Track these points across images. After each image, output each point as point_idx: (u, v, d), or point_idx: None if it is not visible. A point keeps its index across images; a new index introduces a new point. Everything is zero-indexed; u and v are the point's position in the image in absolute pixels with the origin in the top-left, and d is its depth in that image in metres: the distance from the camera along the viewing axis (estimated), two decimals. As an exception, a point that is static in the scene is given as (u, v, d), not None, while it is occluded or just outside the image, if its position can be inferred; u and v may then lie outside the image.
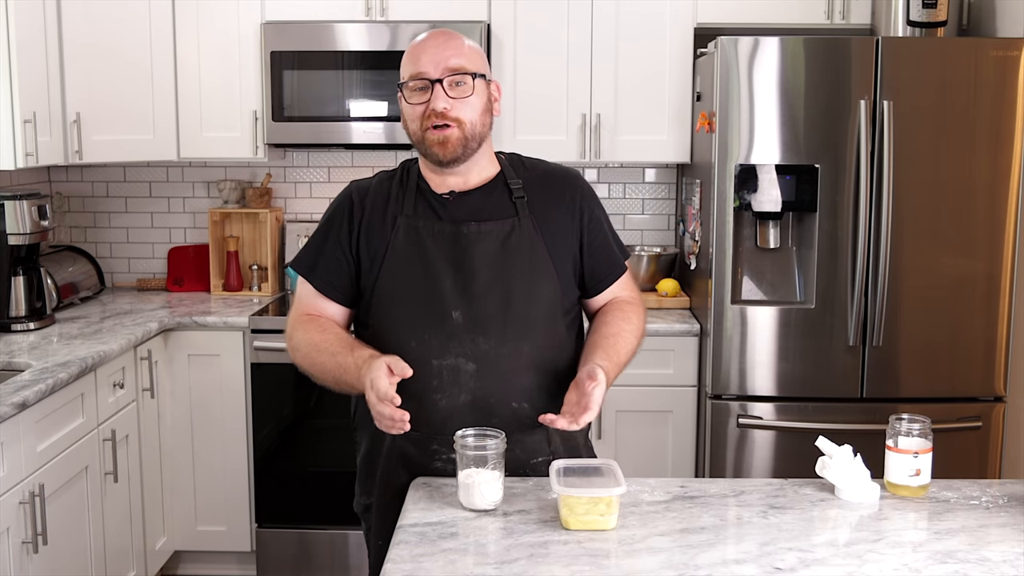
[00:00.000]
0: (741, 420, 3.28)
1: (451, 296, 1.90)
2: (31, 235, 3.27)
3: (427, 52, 1.88)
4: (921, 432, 1.84)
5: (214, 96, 3.74)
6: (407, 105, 1.92)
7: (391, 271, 1.93)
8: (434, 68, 1.87)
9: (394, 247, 1.93)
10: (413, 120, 1.91)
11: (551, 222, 1.97)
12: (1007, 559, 1.58)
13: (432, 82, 1.87)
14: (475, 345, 1.89)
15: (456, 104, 1.88)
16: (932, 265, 3.22)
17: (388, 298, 1.93)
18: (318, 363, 1.91)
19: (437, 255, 1.91)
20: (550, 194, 1.99)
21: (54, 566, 2.68)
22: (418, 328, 1.90)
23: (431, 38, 1.91)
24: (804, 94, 3.18)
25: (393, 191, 1.98)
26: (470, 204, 1.95)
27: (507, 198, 1.97)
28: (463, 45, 1.92)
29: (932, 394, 3.25)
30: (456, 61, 1.88)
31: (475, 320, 1.90)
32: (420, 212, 1.95)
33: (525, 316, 1.92)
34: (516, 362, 1.92)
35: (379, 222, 1.95)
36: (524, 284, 1.92)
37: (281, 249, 4.09)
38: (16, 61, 3.06)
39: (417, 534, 1.66)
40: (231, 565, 3.70)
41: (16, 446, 2.48)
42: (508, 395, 1.92)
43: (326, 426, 3.54)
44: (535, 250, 1.94)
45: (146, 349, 3.35)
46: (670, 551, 1.60)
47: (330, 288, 1.98)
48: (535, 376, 1.94)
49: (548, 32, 3.68)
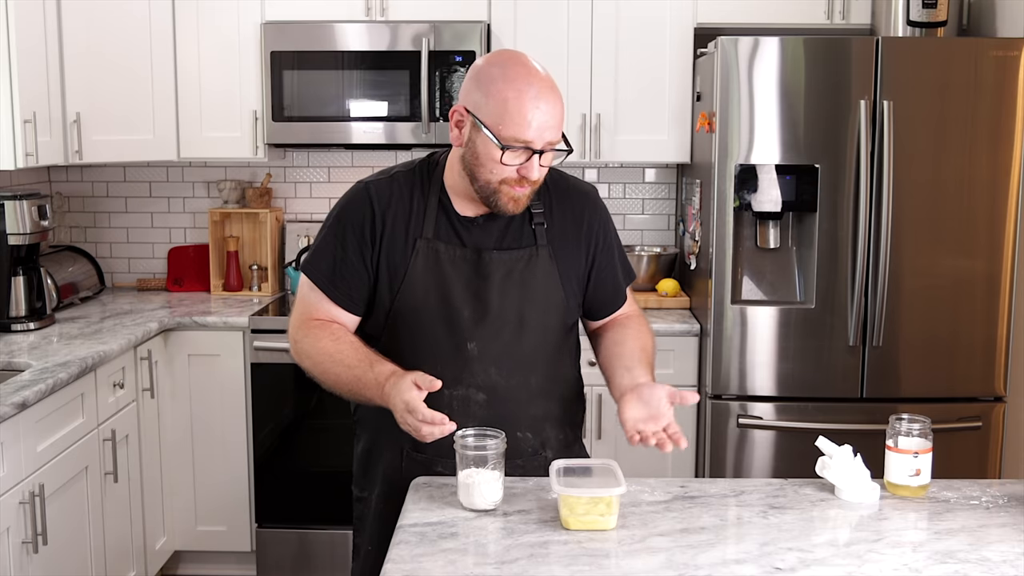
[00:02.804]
0: (741, 420, 3.27)
1: (468, 327, 1.89)
2: (31, 235, 3.27)
3: (537, 119, 1.76)
4: (921, 432, 1.84)
5: (214, 96, 3.74)
6: (491, 158, 1.79)
7: (408, 294, 1.89)
8: (539, 138, 1.77)
9: (413, 269, 1.89)
10: (494, 172, 1.80)
11: (566, 249, 1.96)
12: (1007, 559, 1.58)
13: (532, 151, 1.78)
14: (487, 376, 1.90)
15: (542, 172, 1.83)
16: (932, 265, 3.22)
17: (403, 322, 1.90)
18: (331, 372, 1.87)
19: (456, 282, 1.89)
20: (567, 219, 1.97)
21: (54, 566, 2.68)
22: (433, 357, 1.88)
23: (543, 99, 1.77)
24: (804, 94, 3.18)
25: (415, 205, 1.90)
26: (492, 230, 1.92)
27: (528, 224, 1.93)
28: (562, 109, 1.81)
29: (932, 394, 3.25)
30: (557, 134, 1.80)
31: (490, 352, 1.90)
32: (441, 235, 1.90)
33: (535, 348, 1.94)
34: (525, 392, 1.94)
35: (400, 239, 1.89)
36: (537, 316, 1.93)
37: (281, 249, 4.09)
38: (16, 61, 3.06)
39: (417, 534, 1.66)
40: (231, 565, 3.70)
41: (16, 446, 2.48)
42: (515, 424, 1.93)
43: (326, 426, 3.54)
44: (549, 280, 1.94)
45: (146, 349, 3.35)
46: (670, 551, 1.60)
47: (348, 301, 1.92)
48: (541, 405, 1.96)
49: (548, 32, 3.68)
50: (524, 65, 1.80)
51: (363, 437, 2.05)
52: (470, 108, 1.81)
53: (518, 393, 1.93)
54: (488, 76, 1.79)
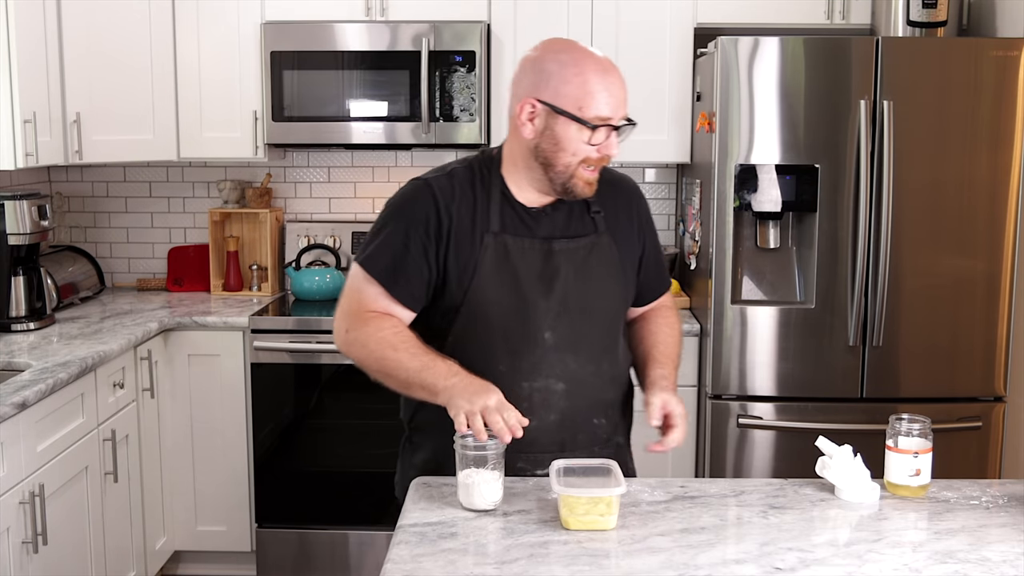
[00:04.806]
0: (741, 420, 3.28)
1: (543, 317, 1.90)
2: (31, 235, 3.27)
3: (614, 95, 1.83)
4: (921, 432, 1.84)
5: (214, 96, 3.74)
6: (574, 140, 1.83)
7: (480, 288, 1.89)
8: (614, 113, 1.83)
9: (483, 263, 1.89)
10: (574, 155, 1.84)
11: (623, 236, 2.00)
12: (1007, 559, 1.58)
13: (612, 127, 1.84)
14: (565, 365, 1.91)
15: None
16: (932, 265, 3.22)
17: (475, 318, 1.90)
18: (391, 360, 1.84)
19: (528, 273, 1.90)
20: (617, 206, 2.01)
21: (54, 566, 2.68)
22: (509, 351, 1.88)
23: (613, 76, 1.84)
24: (804, 94, 3.18)
25: (478, 200, 1.91)
26: (556, 219, 1.94)
27: (586, 212, 1.97)
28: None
29: (932, 394, 3.25)
30: (626, 109, 1.87)
31: (566, 340, 1.91)
32: (508, 227, 1.91)
33: (603, 334, 1.96)
34: (599, 379, 1.96)
35: (468, 235, 1.89)
36: (604, 302, 1.95)
37: (281, 249, 4.09)
38: (16, 61, 3.06)
39: (417, 534, 1.66)
40: (231, 565, 3.70)
41: (16, 446, 2.48)
42: (592, 412, 1.96)
43: (326, 426, 3.54)
44: (613, 266, 1.97)
45: (146, 349, 3.35)
46: (670, 551, 1.60)
47: (408, 297, 1.91)
48: (611, 390, 1.99)
49: (548, 32, 3.59)
50: (585, 48, 1.87)
51: (425, 446, 2.00)
52: (543, 99, 1.83)
53: (594, 380, 1.95)
54: (559, 63, 1.84)
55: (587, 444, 1.94)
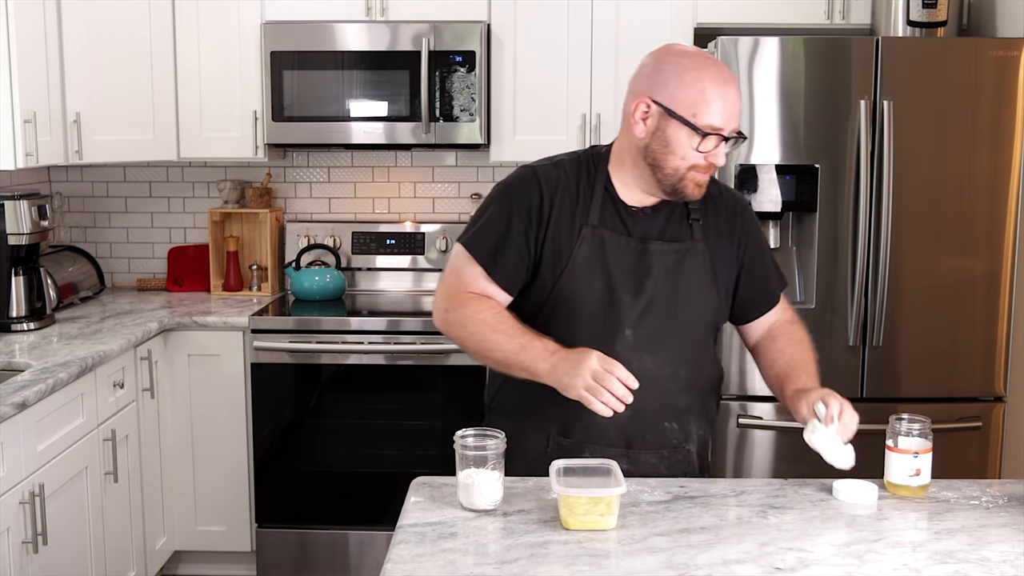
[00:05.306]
0: (741, 420, 3.27)
1: (627, 314, 1.92)
2: (31, 235, 3.27)
3: (729, 108, 1.85)
4: (921, 432, 1.84)
5: (214, 96, 3.74)
6: (685, 145, 1.85)
7: (571, 279, 1.93)
8: (726, 124, 1.85)
9: (578, 254, 1.93)
10: (683, 159, 1.87)
11: (718, 248, 2.00)
12: (1007, 559, 1.58)
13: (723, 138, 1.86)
14: (641, 364, 1.91)
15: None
16: (932, 265, 3.22)
17: (563, 306, 1.94)
18: (491, 340, 1.89)
19: (618, 270, 1.93)
20: (719, 219, 2.02)
21: (54, 566, 2.68)
22: (589, 341, 1.89)
23: (732, 88, 1.86)
24: (804, 94, 3.18)
25: (581, 193, 1.95)
26: (655, 221, 1.97)
27: (685, 218, 1.98)
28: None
29: (932, 394, 3.25)
30: (739, 122, 1.88)
31: (646, 339, 1.93)
32: (607, 223, 1.95)
33: (687, 339, 1.97)
34: (675, 383, 1.97)
35: (567, 225, 1.94)
36: (690, 308, 1.96)
37: (281, 249, 4.09)
38: (16, 61, 3.06)
39: (417, 534, 1.66)
40: (231, 565, 3.70)
41: (16, 446, 2.48)
42: (663, 414, 1.97)
43: (326, 426, 3.53)
44: (703, 275, 1.98)
45: (146, 349, 3.35)
46: (670, 551, 1.60)
47: (508, 282, 1.96)
48: (687, 397, 1.99)
49: (548, 32, 3.68)
50: (709, 57, 1.89)
51: (501, 424, 2.00)
52: (658, 99, 1.86)
53: (669, 383, 1.96)
54: (679, 67, 1.86)
55: (655, 446, 1.96)
